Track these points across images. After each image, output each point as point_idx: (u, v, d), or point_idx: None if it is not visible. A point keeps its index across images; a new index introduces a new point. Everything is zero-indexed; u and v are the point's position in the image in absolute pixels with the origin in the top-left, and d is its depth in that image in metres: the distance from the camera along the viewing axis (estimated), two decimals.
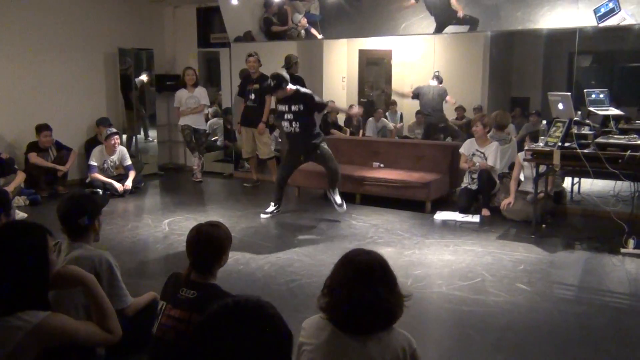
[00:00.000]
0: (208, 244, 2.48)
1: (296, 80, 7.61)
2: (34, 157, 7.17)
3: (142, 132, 9.35)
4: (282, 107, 5.82)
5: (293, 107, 5.74)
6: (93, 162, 7.37)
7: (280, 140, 8.32)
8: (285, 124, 5.84)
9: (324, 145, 5.94)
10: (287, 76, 5.83)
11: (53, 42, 7.84)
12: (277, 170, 6.22)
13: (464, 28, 6.80)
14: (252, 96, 7.51)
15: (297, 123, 5.75)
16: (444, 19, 6.88)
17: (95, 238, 2.85)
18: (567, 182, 6.53)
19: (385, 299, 1.84)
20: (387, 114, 9.48)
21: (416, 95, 8.49)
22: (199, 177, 8.26)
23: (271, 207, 6.16)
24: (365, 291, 1.83)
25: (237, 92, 7.98)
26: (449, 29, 6.92)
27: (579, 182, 6.69)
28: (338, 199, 6.03)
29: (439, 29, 6.94)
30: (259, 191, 7.66)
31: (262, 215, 6.12)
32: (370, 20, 7.45)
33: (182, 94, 8.11)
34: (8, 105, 7.42)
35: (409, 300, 1.90)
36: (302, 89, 5.91)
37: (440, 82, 8.23)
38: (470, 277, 4.36)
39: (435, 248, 5.10)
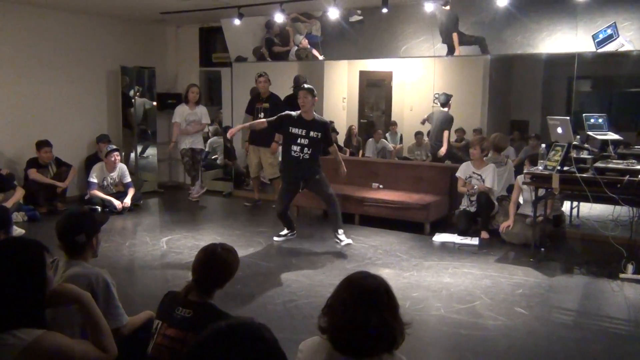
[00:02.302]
0: (219, 268, 2.48)
1: None
2: (33, 173, 7.17)
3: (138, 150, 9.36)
4: (297, 131, 5.60)
5: (312, 133, 5.59)
6: (93, 179, 7.38)
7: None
8: (295, 148, 5.62)
9: (322, 173, 5.84)
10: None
11: (56, 59, 7.91)
12: (277, 201, 6.02)
13: (471, 49, 6.83)
14: (262, 115, 7.36)
15: (310, 150, 5.60)
16: (449, 42, 6.94)
17: (93, 255, 2.83)
18: (566, 206, 6.54)
19: (390, 324, 1.83)
20: (387, 134, 9.53)
21: (425, 120, 8.35)
22: (196, 196, 8.18)
23: (285, 231, 6.04)
24: (371, 315, 1.81)
25: (245, 110, 7.81)
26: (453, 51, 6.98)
27: (578, 206, 6.70)
28: (343, 237, 5.81)
29: (449, 49, 6.96)
30: (259, 211, 7.66)
31: (276, 238, 5.99)
32: (371, 42, 7.52)
33: (182, 109, 8.02)
34: (9, 121, 7.46)
35: (409, 328, 1.88)
36: (323, 119, 5.85)
37: (444, 104, 8.02)
38: (468, 300, 4.34)
39: (434, 270, 5.08)
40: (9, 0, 7.21)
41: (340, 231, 5.82)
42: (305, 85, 5.76)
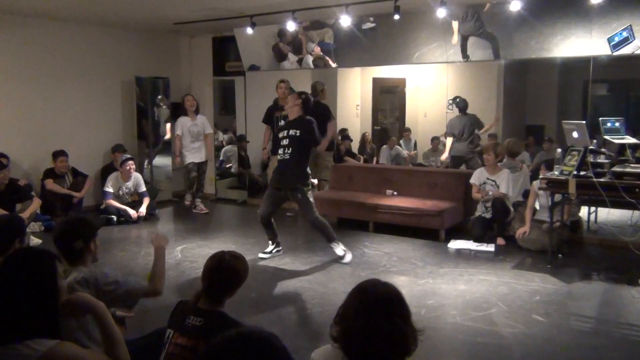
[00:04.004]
0: (227, 275, 2.47)
1: (322, 108, 7.59)
2: (50, 184, 7.26)
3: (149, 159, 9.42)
4: (281, 133, 5.48)
5: (291, 132, 5.37)
6: (109, 189, 7.44)
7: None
8: (280, 150, 5.44)
9: (308, 191, 5.44)
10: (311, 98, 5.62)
11: (71, 70, 8.01)
12: (260, 204, 5.64)
13: (483, 54, 6.77)
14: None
15: (290, 150, 5.33)
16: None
17: (93, 260, 2.83)
18: (584, 211, 6.45)
19: (402, 331, 1.81)
20: (401, 141, 9.50)
21: (450, 134, 8.02)
22: (203, 208, 8.14)
23: (270, 247, 5.69)
24: (382, 322, 1.79)
25: (263, 119, 7.67)
26: (461, 56, 6.94)
27: (596, 212, 6.61)
28: (339, 251, 5.45)
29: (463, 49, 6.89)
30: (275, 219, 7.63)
31: (261, 255, 5.62)
32: (384, 49, 7.51)
33: (184, 121, 8.02)
34: (26, 132, 7.55)
35: (422, 335, 1.86)
36: (307, 117, 5.52)
37: (465, 108, 7.85)
38: (484, 308, 4.28)
39: (449, 277, 5.03)
40: (25, 14, 7.32)
41: (334, 244, 5.47)
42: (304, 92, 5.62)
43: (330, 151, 7.81)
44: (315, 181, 7.77)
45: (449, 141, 8.02)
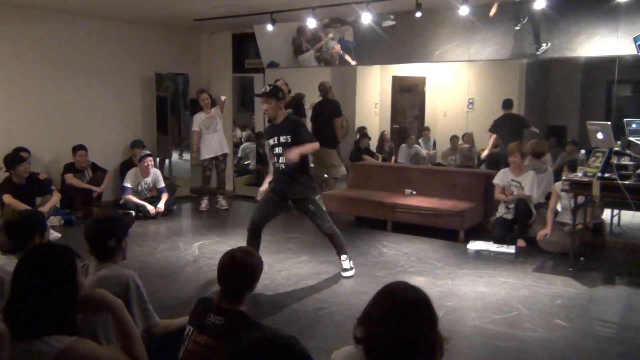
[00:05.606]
0: (242, 272, 2.45)
1: (332, 103, 7.67)
2: (70, 178, 7.32)
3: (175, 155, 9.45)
4: (272, 140, 4.84)
5: (281, 138, 4.76)
6: (127, 184, 7.49)
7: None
8: (275, 159, 4.90)
9: (319, 200, 4.90)
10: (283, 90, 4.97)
11: (92, 66, 8.07)
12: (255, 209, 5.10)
13: (505, 53, 6.66)
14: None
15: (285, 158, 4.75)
16: None
17: (122, 258, 2.86)
18: (607, 214, 6.33)
19: (430, 339, 1.77)
20: (420, 140, 9.43)
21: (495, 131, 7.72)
22: (224, 204, 8.17)
23: None
24: (411, 328, 1.75)
25: None
26: (484, 55, 6.85)
27: (619, 214, 6.49)
28: (347, 264, 5.02)
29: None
30: (290, 216, 7.61)
31: None
32: (404, 47, 7.44)
33: (200, 117, 7.96)
34: (46, 127, 7.63)
35: (447, 344, 1.81)
36: (294, 117, 5.11)
37: (511, 106, 7.66)
38: (505, 311, 4.21)
39: (469, 279, 4.96)
40: (46, 9, 7.38)
41: (344, 257, 5.06)
42: (268, 88, 4.81)
43: (334, 148, 7.77)
44: (326, 176, 7.80)
45: (491, 139, 7.84)
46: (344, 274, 5.02)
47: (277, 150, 4.80)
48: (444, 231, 6.28)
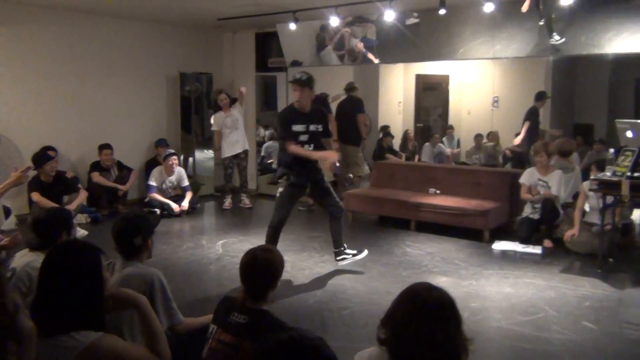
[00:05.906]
0: (264, 270, 2.45)
1: (357, 100, 7.69)
2: (96, 177, 7.43)
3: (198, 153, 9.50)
4: (299, 127, 4.91)
5: (311, 127, 4.94)
6: (152, 183, 7.56)
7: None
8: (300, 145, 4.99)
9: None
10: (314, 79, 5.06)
11: (117, 66, 8.16)
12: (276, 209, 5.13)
13: (532, 50, 6.54)
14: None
15: (312, 146, 4.94)
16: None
17: (148, 256, 2.89)
18: (636, 214, 6.18)
19: (455, 340, 1.74)
20: (444, 139, 9.34)
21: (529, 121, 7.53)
22: (247, 202, 8.20)
23: None
24: (436, 330, 1.72)
25: None
26: (509, 52, 6.75)
27: None
28: (348, 251, 5.21)
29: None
30: (313, 215, 7.63)
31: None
32: (427, 45, 7.38)
33: (219, 116, 7.97)
34: (73, 126, 7.74)
35: (472, 345, 1.79)
36: (319, 107, 5.23)
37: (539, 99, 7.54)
38: (531, 312, 4.15)
39: (494, 280, 4.90)
40: (72, 9, 7.49)
41: (341, 246, 5.21)
42: (304, 76, 4.94)
43: (358, 146, 7.75)
44: (351, 176, 7.77)
45: (525, 126, 7.66)
46: (338, 258, 5.20)
47: (303, 137, 4.92)
48: (469, 231, 6.21)
